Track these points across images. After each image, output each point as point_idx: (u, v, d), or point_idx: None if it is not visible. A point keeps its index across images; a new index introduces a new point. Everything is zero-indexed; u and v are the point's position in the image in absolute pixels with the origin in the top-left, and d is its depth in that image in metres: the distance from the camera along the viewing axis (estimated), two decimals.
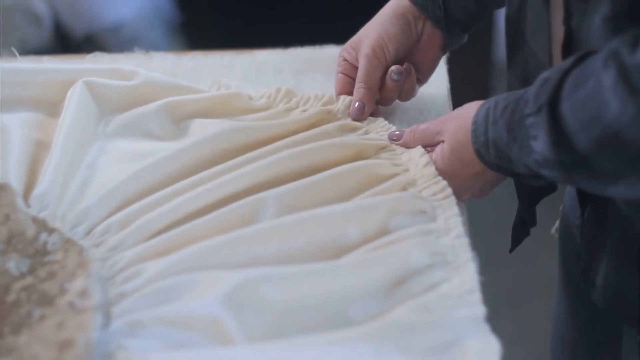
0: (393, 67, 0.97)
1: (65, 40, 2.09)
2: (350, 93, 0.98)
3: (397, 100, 1.01)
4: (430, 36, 0.99)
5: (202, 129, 0.96)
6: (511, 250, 0.99)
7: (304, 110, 0.97)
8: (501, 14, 0.93)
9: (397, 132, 0.92)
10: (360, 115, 0.97)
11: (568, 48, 0.80)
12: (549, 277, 1.10)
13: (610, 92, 0.67)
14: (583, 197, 0.90)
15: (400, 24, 0.97)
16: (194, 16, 2.33)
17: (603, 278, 0.87)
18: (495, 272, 1.65)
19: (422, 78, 1.02)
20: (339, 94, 1.00)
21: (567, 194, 1.01)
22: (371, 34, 0.97)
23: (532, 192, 0.93)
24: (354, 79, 0.98)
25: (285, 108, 0.98)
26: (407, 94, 1.00)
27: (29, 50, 1.54)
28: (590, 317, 0.99)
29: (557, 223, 1.06)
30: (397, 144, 0.92)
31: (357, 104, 0.97)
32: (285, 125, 0.94)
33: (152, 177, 0.89)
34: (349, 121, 0.95)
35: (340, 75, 1.00)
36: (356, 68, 0.98)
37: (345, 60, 1.00)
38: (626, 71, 0.66)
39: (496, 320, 0.75)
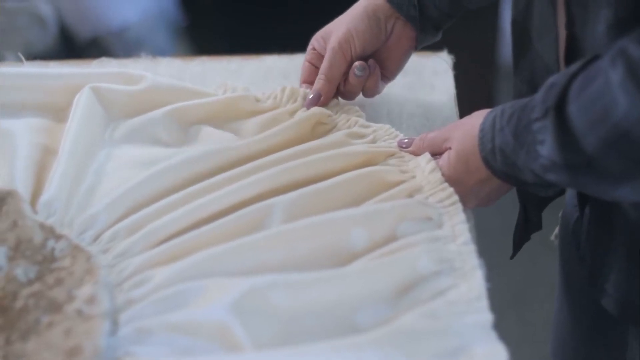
0: (356, 63, 0.98)
1: (70, 43, 2.09)
2: (314, 82, 0.99)
3: (401, 104, 1.02)
4: (399, 36, 0.99)
5: (209, 137, 0.96)
6: (512, 256, 1.00)
7: (305, 110, 0.98)
8: (507, 18, 0.93)
9: (406, 140, 0.93)
10: (313, 105, 0.98)
11: (570, 54, 0.80)
12: (552, 280, 1.10)
13: (618, 89, 0.67)
14: (582, 200, 0.90)
15: (369, 21, 0.97)
16: (198, 19, 2.33)
17: (614, 285, 0.87)
18: (501, 275, 1.65)
19: (389, 75, 1.02)
20: (303, 81, 1.01)
21: (567, 199, 1.01)
22: (341, 28, 0.98)
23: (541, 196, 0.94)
24: (319, 69, 0.99)
25: (292, 109, 0.99)
26: (370, 90, 1.00)
27: (33, 53, 1.54)
28: (593, 321, 0.99)
29: (557, 229, 1.06)
30: (406, 152, 0.92)
31: (313, 94, 0.98)
32: (290, 132, 0.95)
33: (160, 184, 0.89)
34: (357, 129, 0.95)
35: (307, 63, 1.01)
36: (323, 58, 0.99)
37: (314, 49, 1.01)
38: (634, 66, 0.66)
39: (501, 322, 0.75)
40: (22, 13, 2.03)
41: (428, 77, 1.08)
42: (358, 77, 0.98)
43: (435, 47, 1.12)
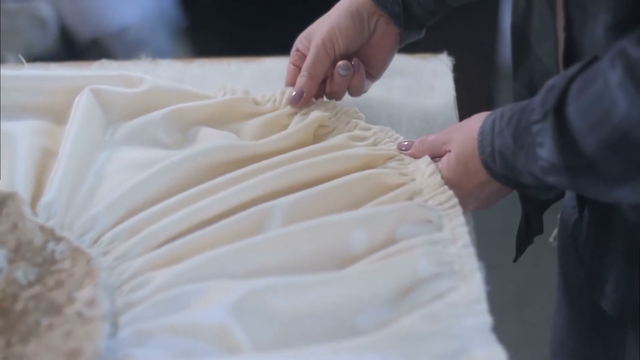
0: (340, 63, 0.98)
1: (71, 45, 2.09)
2: None
3: (401, 107, 1.02)
4: (383, 33, 0.99)
5: (209, 138, 0.96)
6: (515, 259, 1.00)
7: (305, 114, 0.98)
8: (507, 18, 0.93)
9: (406, 143, 0.93)
10: (296, 102, 0.98)
11: (569, 57, 0.80)
12: (553, 281, 1.10)
13: (617, 90, 0.67)
14: (581, 202, 0.90)
15: (353, 19, 0.98)
16: (199, 20, 2.33)
17: (613, 286, 0.87)
18: (501, 276, 1.66)
19: (375, 74, 1.02)
20: (288, 84, 1.01)
21: (566, 201, 1.01)
22: (324, 26, 0.98)
23: (542, 200, 0.94)
24: None
25: (290, 111, 0.99)
26: (355, 89, 1.00)
27: (33, 54, 1.53)
28: (592, 323, 0.99)
29: (555, 231, 1.06)
30: (406, 154, 0.92)
31: (296, 92, 0.98)
32: (293, 138, 0.95)
33: (160, 185, 0.89)
34: (357, 132, 0.95)
35: (291, 66, 1.01)
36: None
37: (297, 50, 1.01)
38: (633, 66, 0.66)
39: (502, 324, 0.75)
40: (22, 14, 2.03)
41: (428, 79, 1.08)
42: (342, 77, 0.98)
43: (434, 49, 1.12)
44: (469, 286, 0.76)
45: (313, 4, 1.01)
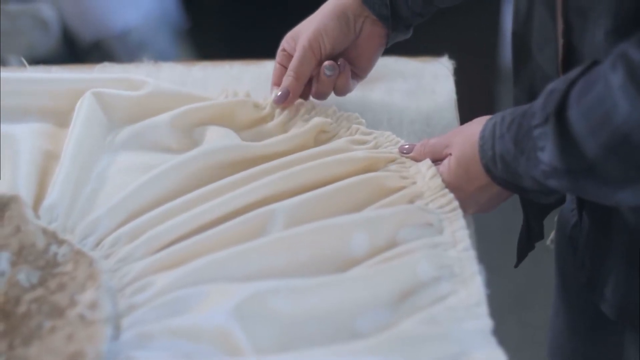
0: (326, 63, 0.98)
1: (73, 47, 2.09)
2: None
3: (402, 111, 1.02)
4: (369, 34, 1.00)
5: (213, 138, 0.96)
6: (516, 265, 1.00)
7: (306, 120, 0.98)
8: (508, 20, 0.94)
9: (407, 146, 0.93)
10: (282, 102, 0.99)
11: (568, 61, 0.81)
12: (552, 283, 1.11)
13: (619, 93, 0.67)
14: (580, 204, 0.91)
15: (339, 20, 0.98)
16: (201, 22, 2.33)
17: (613, 288, 0.87)
18: (501, 278, 1.66)
19: (361, 74, 1.03)
20: (274, 83, 1.02)
21: (565, 204, 1.01)
22: (310, 27, 0.99)
23: (542, 205, 0.94)
24: None
25: (285, 119, 0.99)
26: (341, 89, 1.01)
27: (35, 56, 1.54)
28: (590, 324, 0.99)
29: (552, 234, 1.07)
30: (407, 158, 0.92)
31: (281, 91, 0.99)
32: (293, 141, 0.95)
33: (162, 188, 0.89)
34: (358, 136, 0.95)
35: (278, 65, 1.02)
36: None
37: (284, 50, 1.02)
38: (635, 69, 0.66)
39: (502, 325, 0.75)
40: (24, 16, 2.04)
41: (429, 82, 1.08)
42: (328, 77, 0.99)
43: (435, 52, 1.13)
44: (469, 289, 0.76)
45: (314, 7, 1.02)
